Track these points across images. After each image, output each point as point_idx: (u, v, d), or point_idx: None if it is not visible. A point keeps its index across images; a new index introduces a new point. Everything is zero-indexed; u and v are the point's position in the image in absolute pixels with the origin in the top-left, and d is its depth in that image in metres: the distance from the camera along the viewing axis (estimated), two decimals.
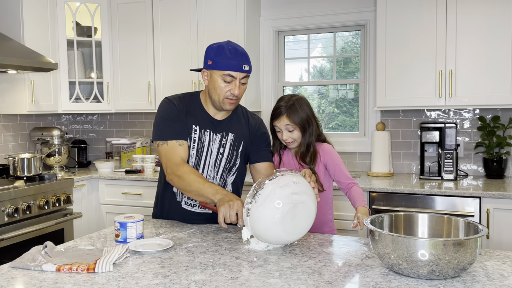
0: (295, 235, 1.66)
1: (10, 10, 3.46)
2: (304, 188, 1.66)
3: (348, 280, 1.40)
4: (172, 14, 3.83)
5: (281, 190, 1.62)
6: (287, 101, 2.12)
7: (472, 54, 3.12)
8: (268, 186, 1.63)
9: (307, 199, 1.65)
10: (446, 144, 3.31)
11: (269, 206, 1.60)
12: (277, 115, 2.11)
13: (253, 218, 1.62)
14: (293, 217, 1.62)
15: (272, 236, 1.63)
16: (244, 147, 2.10)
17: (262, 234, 1.63)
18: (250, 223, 1.64)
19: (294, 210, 1.62)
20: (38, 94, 3.59)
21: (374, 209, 3.04)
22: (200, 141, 2.03)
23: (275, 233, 1.62)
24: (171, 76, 3.86)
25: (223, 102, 1.97)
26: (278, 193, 1.61)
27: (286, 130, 2.11)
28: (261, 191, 1.62)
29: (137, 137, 4.25)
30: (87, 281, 1.37)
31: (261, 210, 1.61)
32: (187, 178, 1.90)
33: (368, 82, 3.75)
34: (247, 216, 1.64)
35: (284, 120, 2.09)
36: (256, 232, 1.64)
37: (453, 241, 1.30)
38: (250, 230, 1.66)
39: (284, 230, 1.62)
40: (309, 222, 1.68)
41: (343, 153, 3.80)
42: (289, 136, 2.11)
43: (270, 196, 1.61)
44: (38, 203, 3.06)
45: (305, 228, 1.68)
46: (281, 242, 1.67)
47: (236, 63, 1.91)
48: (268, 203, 1.60)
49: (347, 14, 3.75)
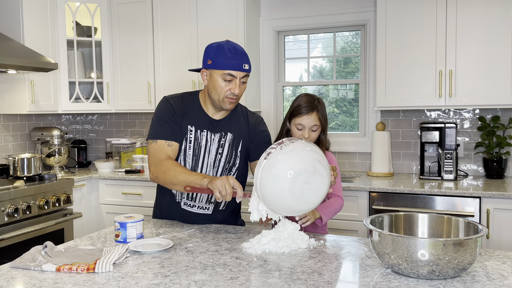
0: (297, 203, 1.60)
1: (10, 10, 3.46)
2: (327, 166, 1.63)
3: (348, 280, 1.40)
4: (172, 14, 3.83)
5: (309, 151, 1.60)
6: (314, 99, 2.06)
7: (472, 54, 3.13)
8: (299, 142, 1.61)
9: (326, 175, 1.61)
10: (446, 144, 3.31)
11: (293, 157, 1.57)
12: (305, 111, 2.03)
13: (270, 161, 1.58)
14: (307, 182, 1.58)
15: (276, 189, 1.58)
16: (243, 146, 2.10)
17: (268, 184, 1.58)
18: (263, 167, 1.59)
19: (312, 176, 1.58)
20: (38, 94, 3.59)
21: (374, 209, 3.04)
22: (196, 141, 2.03)
23: (281, 186, 1.56)
24: (171, 76, 3.86)
25: (223, 101, 1.97)
26: (306, 151, 1.59)
27: (310, 129, 2.05)
28: (291, 143, 1.59)
29: (137, 137, 4.25)
30: (87, 281, 1.37)
31: (283, 156, 1.57)
32: (172, 172, 1.89)
33: (368, 82, 3.75)
34: (265, 159, 1.59)
35: (313, 117, 2.03)
36: (263, 178, 1.59)
37: (453, 241, 1.30)
38: (258, 176, 1.60)
39: (291, 189, 1.56)
40: (315, 200, 1.64)
41: (343, 153, 3.80)
42: (310, 135, 2.05)
43: (298, 150, 1.58)
44: (38, 203, 3.06)
45: (308, 204, 1.63)
46: (279, 200, 1.61)
47: (236, 62, 1.91)
48: (294, 154, 1.57)
49: (347, 14, 3.75)
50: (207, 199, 2.07)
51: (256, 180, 1.63)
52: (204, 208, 2.08)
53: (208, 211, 2.08)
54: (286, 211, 1.66)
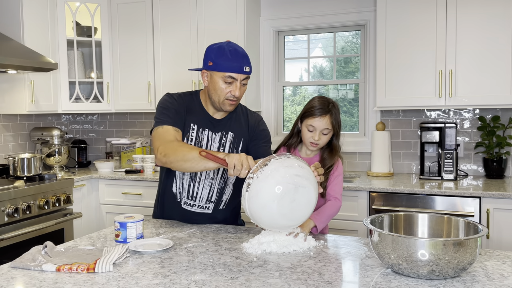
0: (290, 220, 1.62)
1: (10, 10, 3.46)
2: (307, 174, 1.63)
3: (348, 280, 1.40)
4: (172, 14, 3.83)
5: (285, 169, 1.58)
6: (328, 102, 2.02)
7: (472, 54, 3.12)
8: (273, 164, 1.59)
9: (309, 185, 1.61)
10: (446, 144, 3.30)
11: (270, 182, 1.56)
12: (318, 113, 1.99)
13: (252, 193, 1.58)
14: (292, 200, 1.58)
15: (267, 216, 1.59)
16: (244, 145, 2.10)
17: (257, 212, 1.59)
18: (248, 199, 1.59)
19: (295, 193, 1.58)
20: (38, 94, 3.59)
21: (374, 209, 3.04)
22: (197, 140, 2.03)
23: (270, 212, 1.58)
24: (171, 76, 3.86)
25: (223, 103, 1.97)
26: (281, 171, 1.58)
27: (321, 132, 2.01)
28: (265, 167, 1.59)
29: (137, 137, 4.25)
30: (87, 281, 1.37)
31: (262, 185, 1.57)
32: (184, 148, 1.79)
33: (368, 82, 3.75)
34: (246, 191, 1.59)
35: (326, 120, 1.99)
36: (251, 209, 1.60)
37: (453, 241, 1.30)
38: (246, 207, 1.61)
39: (280, 211, 1.58)
40: (307, 211, 1.64)
41: (343, 153, 3.76)
42: (320, 138, 2.01)
43: (273, 173, 1.57)
44: (38, 203, 3.06)
45: (301, 217, 1.64)
46: (274, 224, 1.63)
47: (237, 65, 1.90)
48: (270, 179, 1.56)
49: (347, 14, 3.75)
50: (207, 198, 2.07)
51: (246, 211, 1.63)
52: (204, 207, 2.08)
53: (208, 210, 2.08)
54: (286, 229, 1.69)
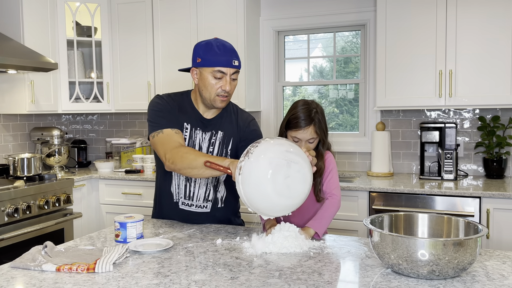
0: (288, 198, 1.58)
1: (10, 10, 3.46)
2: (299, 151, 1.61)
3: (348, 280, 1.40)
4: (172, 14, 3.83)
5: (275, 147, 1.57)
6: (311, 110, 1.96)
7: (472, 54, 3.12)
8: (262, 144, 1.58)
9: (301, 161, 1.59)
10: (446, 144, 3.30)
11: (262, 161, 1.54)
12: (302, 125, 1.94)
13: (245, 175, 1.55)
14: (286, 176, 1.55)
15: (263, 197, 1.56)
16: (234, 145, 2.09)
17: (253, 195, 1.56)
18: (241, 182, 1.56)
19: (288, 168, 1.55)
20: (38, 94, 3.59)
21: (374, 209, 3.04)
22: (191, 139, 2.03)
23: (265, 192, 1.54)
24: (171, 76, 3.86)
25: (215, 100, 1.97)
26: (272, 149, 1.57)
27: (307, 141, 1.97)
28: (255, 148, 1.57)
29: (137, 137, 4.25)
30: (87, 281, 1.37)
31: (253, 165, 1.54)
32: (190, 156, 1.81)
33: (368, 82, 3.75)
34: (239, 175, 1.57)
35: (309, 130, 1.95)
36: (246, 192, 1.57)
37: (453, 241, 1.30)
38: (241, 192, 1.58)
39: (275, 189, 1.54)
40: (304, 187, 1.60)
41: (343, 153, 3.80)
42: (308, 147, 1.96)
43: (264, 151, 1.56)
44: (38, 203, 3.06)
45: (299, 193, 1.60)
46: (272, 206, 1.59)
47: (225, 59, 1.90)
48: (262, 158, 1.55)
49: (347, 14, 3.75)
50: (204, 197, 2.07)
51: (242, 197, 1.60)
52: (202, 206, 2.08)
53: (207, 209, 2.08)
54: (285, 210, 1.63)
